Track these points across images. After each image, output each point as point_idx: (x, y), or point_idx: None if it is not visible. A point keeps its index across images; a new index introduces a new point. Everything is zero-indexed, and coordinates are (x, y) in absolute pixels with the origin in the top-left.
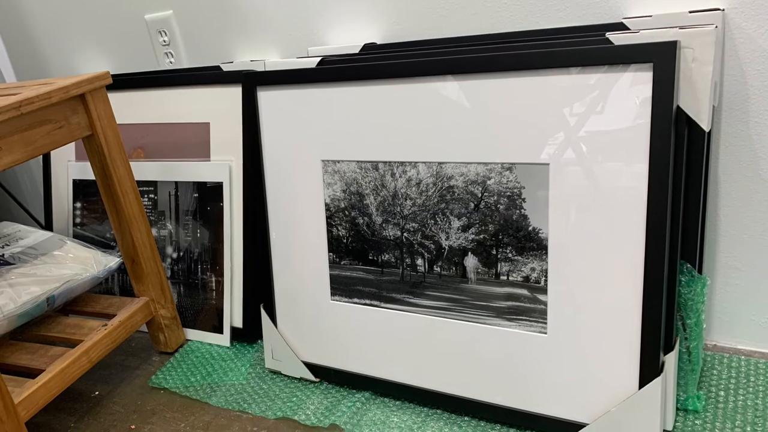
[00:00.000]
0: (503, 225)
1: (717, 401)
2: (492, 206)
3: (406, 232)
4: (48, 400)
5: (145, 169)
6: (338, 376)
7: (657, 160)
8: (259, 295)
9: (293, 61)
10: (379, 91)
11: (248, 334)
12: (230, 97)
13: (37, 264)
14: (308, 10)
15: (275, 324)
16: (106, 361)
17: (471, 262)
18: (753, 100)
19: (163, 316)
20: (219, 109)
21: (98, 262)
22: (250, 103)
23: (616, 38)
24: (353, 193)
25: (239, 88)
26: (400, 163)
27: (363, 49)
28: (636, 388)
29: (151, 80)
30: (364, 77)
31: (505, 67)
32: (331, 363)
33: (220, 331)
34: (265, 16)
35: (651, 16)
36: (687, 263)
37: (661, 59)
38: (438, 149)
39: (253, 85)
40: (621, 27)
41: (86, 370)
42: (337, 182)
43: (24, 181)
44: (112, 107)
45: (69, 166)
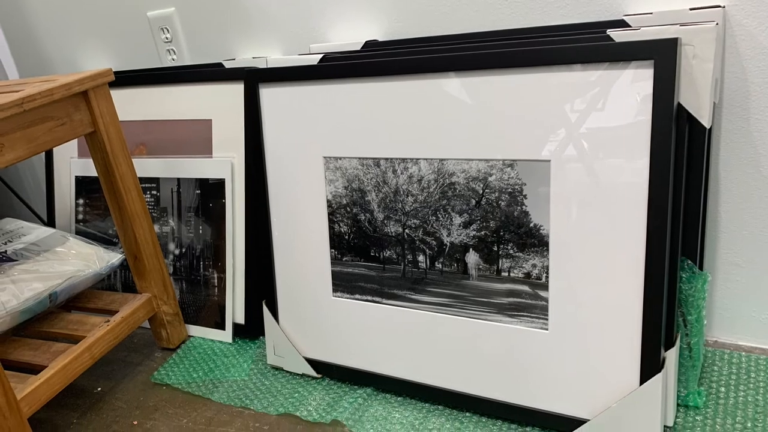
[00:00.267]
0: (504, 221)
1: (718, 397)
2: (493, 203)
3: (408, 228)
4: (50, 396)
5: (147, 166)
6: (340, 372)
7: (658, 156)
8: (261, 291)
9: (295, 58)
10: (381, 88)
11: (250, 331)
12: (232, 94)
13: (40, 260)
14: (310, 8)
15: (277, 320)
16: (109, 357)
17: (472, 258)
18: (753, 96)
19: (166, 313)
20: (221, 105)
21: (101, 259)
22: (252, 100)
23: (617, 35)
24: (355, 189)
25: (241, 85)
26: (402, 160)
27: (365, 46)
28: (637, 384)
29: (153, 77)
30: (366, 74)
31: (506, 64)
32: (332, 359)
33: (222, 328)
34: (268, 13)
35: (652, 13)
36: (688, 259)
37: (662, 56)
38: (439, 146)
39: (255, 82)
40: (622, 24)
41: (89, 366)
42: (338, 179)
43: (27, 178)
44: (115, 104)
45: (71, 163)
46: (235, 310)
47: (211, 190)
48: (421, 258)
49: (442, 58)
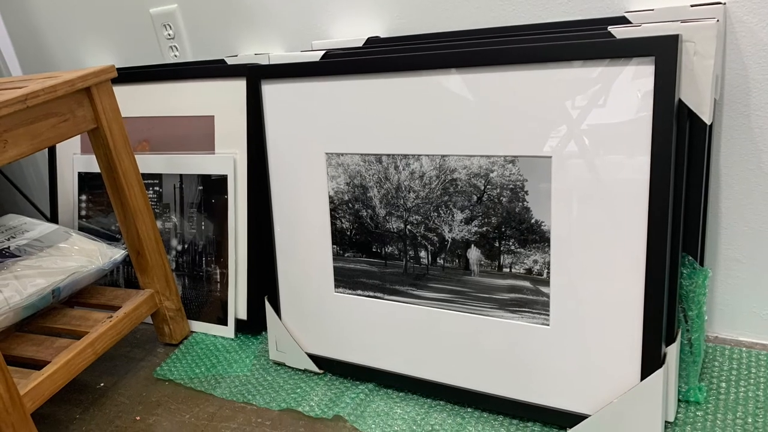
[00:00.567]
0: (506, 217)
1: (718, 393)
2: (495, 199)
3: (410, 224)
4: (53, 391)
5: (150, 162)
6: (342, 368)
7: (659, 152)
8: (264, 287)
9: (297, 54)
10: (383, 85)
11: (252, 326)
12: (235, 90)
13: (43, 256)
14: (312, 4)
15: (279, 316)
16: (111, 352)
17: (474, 254)
18: (754, 93)
19: (168, 308)
20: (223, 102)
21: (103, 255)
22: (254, 97)
23: (618, 32)
24: (357, 185)
25: (244, 82)
26: (404, 156)
27: (367, 42)
28: (638, 380)
29: (156, 74)
30: (368, 70)
31: (507, 61)
32: (334, 355)
33: (225, 323)
34: (270, 10)
35: (653, 10)
36: (688, 255)
37: (663, 53)
38: (441, 142)
39: (258, 79)
40: (623, 21)
41: (91, 362)
42: (340, 175)
43: (30, 174)
44: (117, 100)
45: (74, 159)
46: (238, 305)
47: (214, 186)
48: (423, 254)
49: (444, 55)
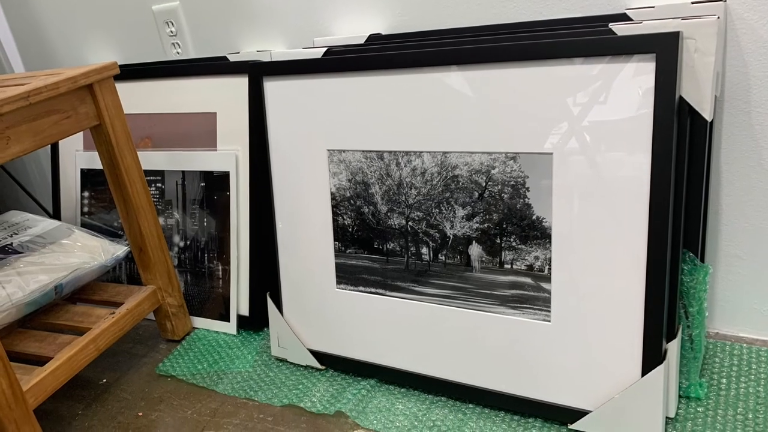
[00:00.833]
0: (507, 214)
1: (719, 389)
2: (496, 195)
3: (411, 221)
4: (56, 387)
5: (152, 159)
6: (344, 364)
7: (659, 149)
8: (266, 283)
9: (299, 51)
10: (385, 82)
11: (254, 322)
12: (237, 87)
13: (46, 252)
14: (314, 1)
15: (281, 312)
16: (114, 348)
17: (475, 250)
18: (755, 90)
19: (170, 305)
20: (225, 99)
21: (106, 251)
22: (256, 93)
23: (619, 29)
24: (359, 182)
25: (245, 79)
26: (405, 153)
27: (368, 39)
28: (639, 376)
29: (158, 70)
30: (370, 67)
31: (509, 58)
32: (336, 351)
33: (227, 319)
34: (272, 7)
35: (654, 7)
36: (689, 252)
37: (664, 50)
38: (442, 139)
39: (260, 76)
40: (624, 18)
41: (94, 358)
42: (342, 171)
43: (32, 171)
44: (120, 97)
45: (77, 156)
46: (240, 302)
47: (216, 183)
48: (425, 250)
49: (445, 52)
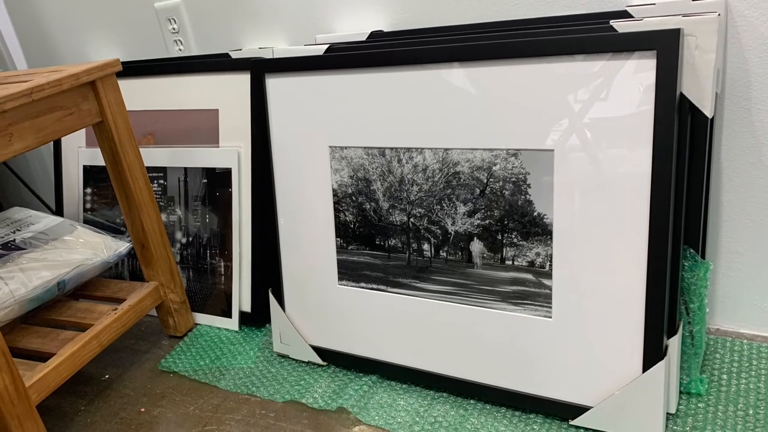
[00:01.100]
0: (508, 210)
1: (720, 385)
2: (497, 192)
3: (413, 217)
4: (59, 383)
5: (154, 155)
6: (345, 360)
7: (660, 146)
8: (268, 279)
9: (301, 48)
10: (386, 78)
11: (256, 319)
12: (239, 84)
13: (48, 249)
14: None
15: (283, 308)
16: (116, 345)
17: (477, 247)
18: (755, 86)
19: (173, 301)
20: (228, 96)
21: (108, 248)
22: (258, 90)
23: (620, 26)
24: (360, 179)
25: (248, 76)
26: (407, 150)
27: (370, 36)
28: (640, 372)
29: (160, 67)
30: (371, 64)
31: (510, 55)
32: (338, 347)
33: (229, 316)
34: (274, 4)
35: (654, 4)
36: (690, 248)
37: (665, 47)
38: (444, 135)
39: (262, 73)
40: (625, 15)
41: (96, 354)
42: (344, 168)
43: (35, 167)
44: (122, 94)
45: (79, 153)
46: (242, 298)
47: (218, 180)
48: (426, 246)
49: (447, 49)
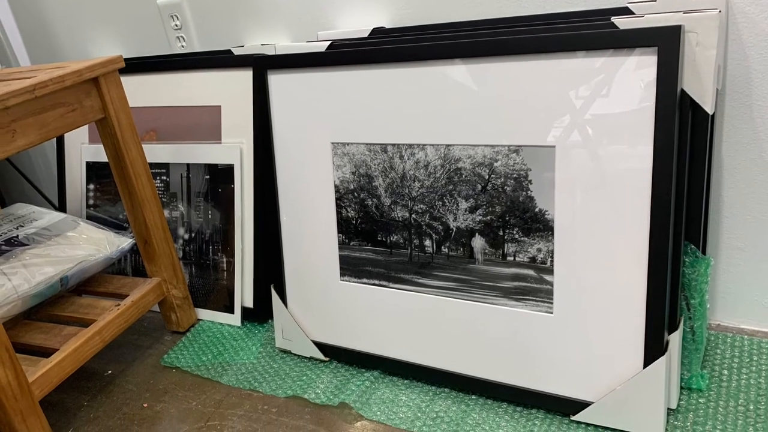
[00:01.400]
0: (510, 206)
1: (720, 380)
2: (499, 188)
3: (415, 213)
4: (62, 378)
5: (157, 152)
6: (347, 356)
7: (661, 142)
8: (270, 275)
9: (303, 44)
10: (388, 75)
11: (259, 314)
12: (241, 80)
13: (51, 245)
14: None
15: (285, 304)
16: (119, 340)
17: (478, 243)
18: (756, 83)
19: (175, 296)
20: (230, 92)
21: (111, 243)
22: (260, 87)
23: (621, 22)
24: (362, 175)
25: (250, 72)
26: (409, 146)
27: (372, 33)
28: (641, 367)
29: (163, 64)
30: (374, 61)
31: (511, 51)
32: (340, 342)
33: (231, 311)
34: (276, 1)
35: (655, 1)
36: (691, 244)
37: (666, 43)
38: (446, 132)
39: (264, 69)
40: (626, 11)
41: (99, 350)
42: (346, 164)
43: (38, 164)
44: (125, 90)
45: (82, 149)
46: (244, 293)
47: (220, 176)
48: (428, 242)
49: (448, 45)
